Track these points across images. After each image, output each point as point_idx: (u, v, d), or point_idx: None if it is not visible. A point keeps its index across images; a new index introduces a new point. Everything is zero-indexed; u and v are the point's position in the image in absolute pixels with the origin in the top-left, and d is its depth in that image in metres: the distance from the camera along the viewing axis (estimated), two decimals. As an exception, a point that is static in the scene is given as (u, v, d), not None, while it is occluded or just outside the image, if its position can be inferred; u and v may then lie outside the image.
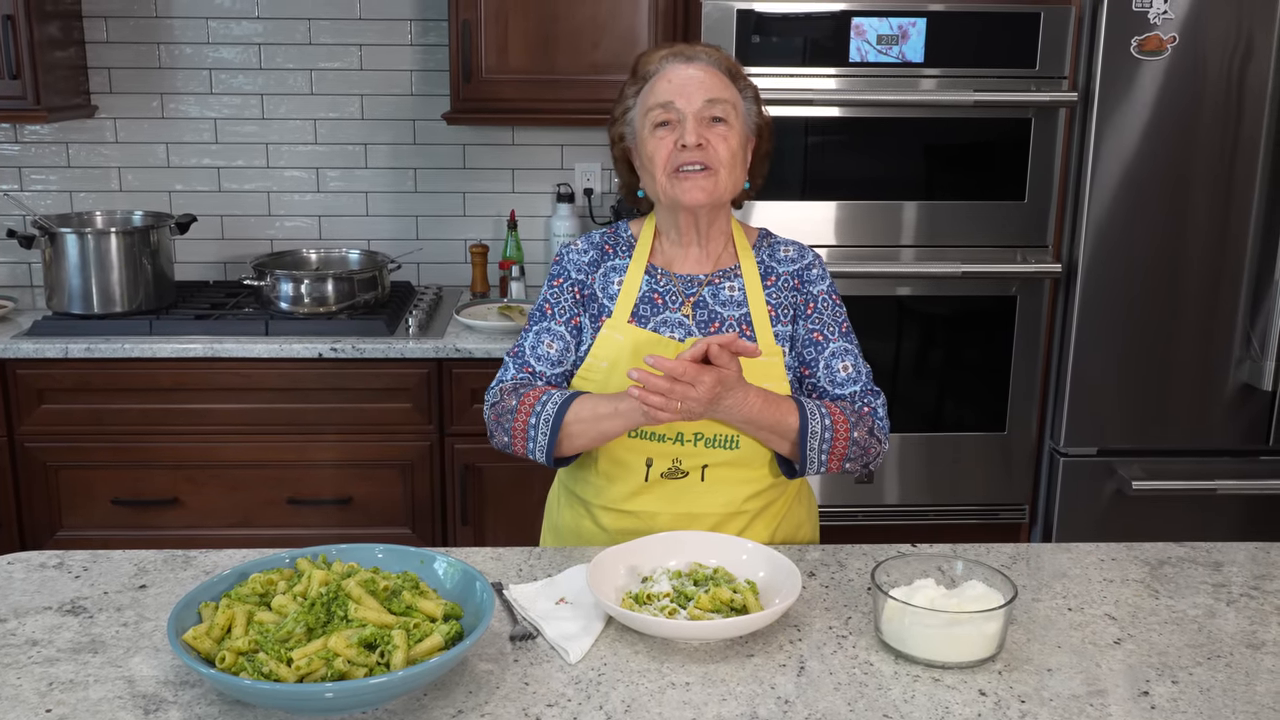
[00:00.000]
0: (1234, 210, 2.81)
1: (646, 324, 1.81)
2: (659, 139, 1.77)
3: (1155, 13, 2.69)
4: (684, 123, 1.75)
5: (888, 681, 1.39)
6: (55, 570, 1.66)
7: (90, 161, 3.41)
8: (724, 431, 1.76)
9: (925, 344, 3.04)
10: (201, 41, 3.36)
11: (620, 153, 1.88)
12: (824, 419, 1.72)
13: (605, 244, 1.90)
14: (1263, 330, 2.85)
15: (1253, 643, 1.50)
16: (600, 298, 1.85)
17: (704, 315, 1.82)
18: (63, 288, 3.00)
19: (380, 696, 1.29)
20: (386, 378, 2.94)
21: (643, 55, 1.86)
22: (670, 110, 1.76)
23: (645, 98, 1.81)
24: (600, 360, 1.81)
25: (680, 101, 1.76)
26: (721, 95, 1.77)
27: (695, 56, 1.81)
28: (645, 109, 1.80)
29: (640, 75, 1.83)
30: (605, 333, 1.82)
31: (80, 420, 2.93)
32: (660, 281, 1.85)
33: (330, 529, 2.99)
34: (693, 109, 1.75)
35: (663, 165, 1.77)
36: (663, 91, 1.77)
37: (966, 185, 2.92)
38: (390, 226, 3.51)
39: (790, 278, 1.86)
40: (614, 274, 1.86)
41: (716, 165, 1.76)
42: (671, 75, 1.78)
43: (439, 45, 3.38)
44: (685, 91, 1.76)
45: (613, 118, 1.88)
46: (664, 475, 1.77)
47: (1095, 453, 2.95)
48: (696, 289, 1.84)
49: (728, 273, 1.85)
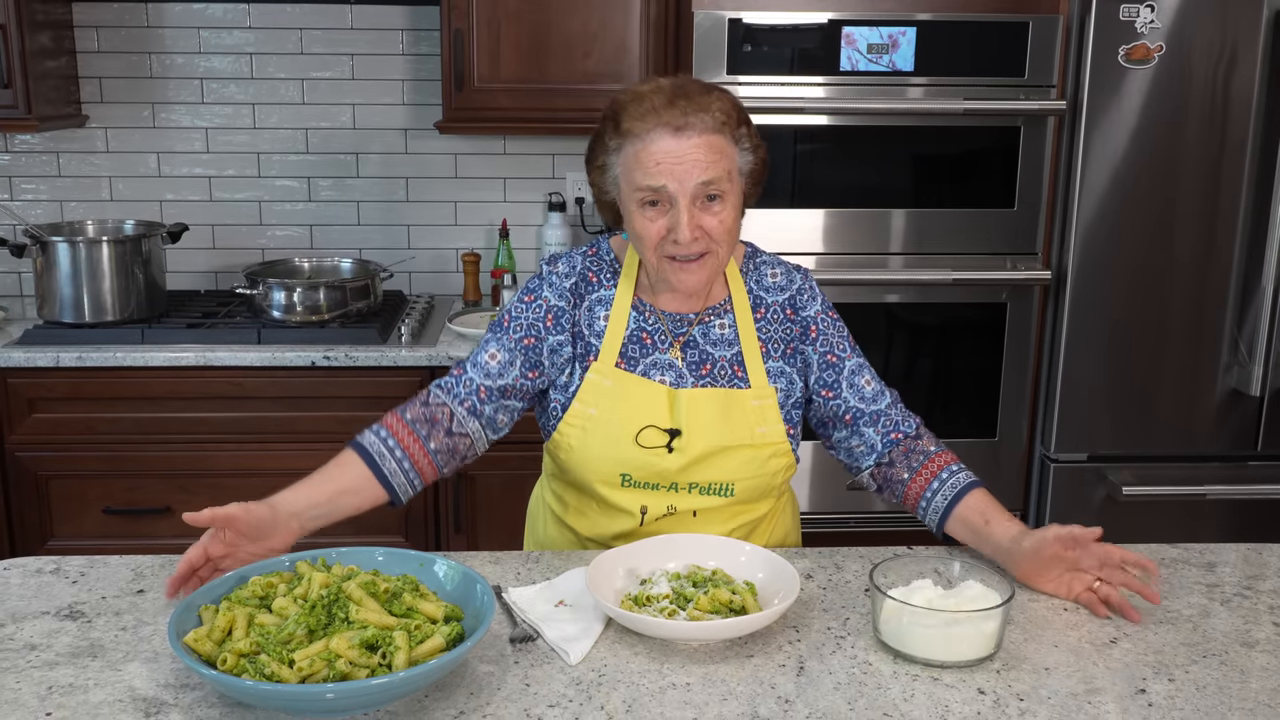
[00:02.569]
0: (1220, 217, 2.83)
1: (635, 367, 1.74)
2: (648, 220, 1.64)
3: (1142, 22, 2.72)
4: (676, 208, 1.61)
5: (887, 681, 1.40)
6: (52, 575, 1.66)
7: (81, 171, 3.41)
8: (719, 480, 1.74)
9: (915, 351, 3.05)
10: (193, 51, 3.36)
11: (601, 198, 1.75)
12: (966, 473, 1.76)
13: (588, 270, 1.78)
14: (1250, 336, 2.88)
15: (1246, 641, 1.52)
16: (586, 335, 1.76)
17: (695, 356, 1.76)
18: (54, 297, 2.99)
19: (382, 697, 1.29)
20: (379, 386, 2.94)
21: (625, 105, 1.64)
22: (661, 194, 1.62)
23: (629, 167, 1.64)
24: (588, 406, 1.73)
25: (672, 185, 1.60)
26: (715, 173, 1.61)
27: (686, 127, 1.60)
28: (632, 184, 1.64)
29: (622, 131, 1.64)
30: (592, 377, 1.74)
31: (72, 429, 2.92)
32: (648, 319, 1.77)
33: (322, 537, 2.94)
34: (686, 194, 1.61)
35: (653, 247, 1.66)
36: (652, 173, 1.61)
37: (956, 193, 2.94)
38: (382, 235, 3.52)
39: (780, 308, 1.80)
40: (599, 307, 1.77)
41: (713, 247, 1.65)
42: (659, 153, 1.60)
43: (430, 55, 3.39)
44: (676, 174, 1.60)
45: (590, 162, 1.73)
46: (658, 519, 1.75)
47: (1086, 459, 2.97)
48: (686, 328, 1.77)
49: (718, 309, 1.78)
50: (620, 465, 1.72)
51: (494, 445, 1.82)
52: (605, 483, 1.74)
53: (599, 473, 1.74)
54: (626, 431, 1.71)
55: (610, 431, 1.72)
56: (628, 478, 1.73)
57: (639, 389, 1.73)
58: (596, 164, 1.72)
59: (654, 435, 1.71)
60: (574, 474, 1.77)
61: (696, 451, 1.71)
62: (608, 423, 1.72)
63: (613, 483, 1.74)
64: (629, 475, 1.73)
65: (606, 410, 1.72)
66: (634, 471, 1.72)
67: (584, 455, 1.74)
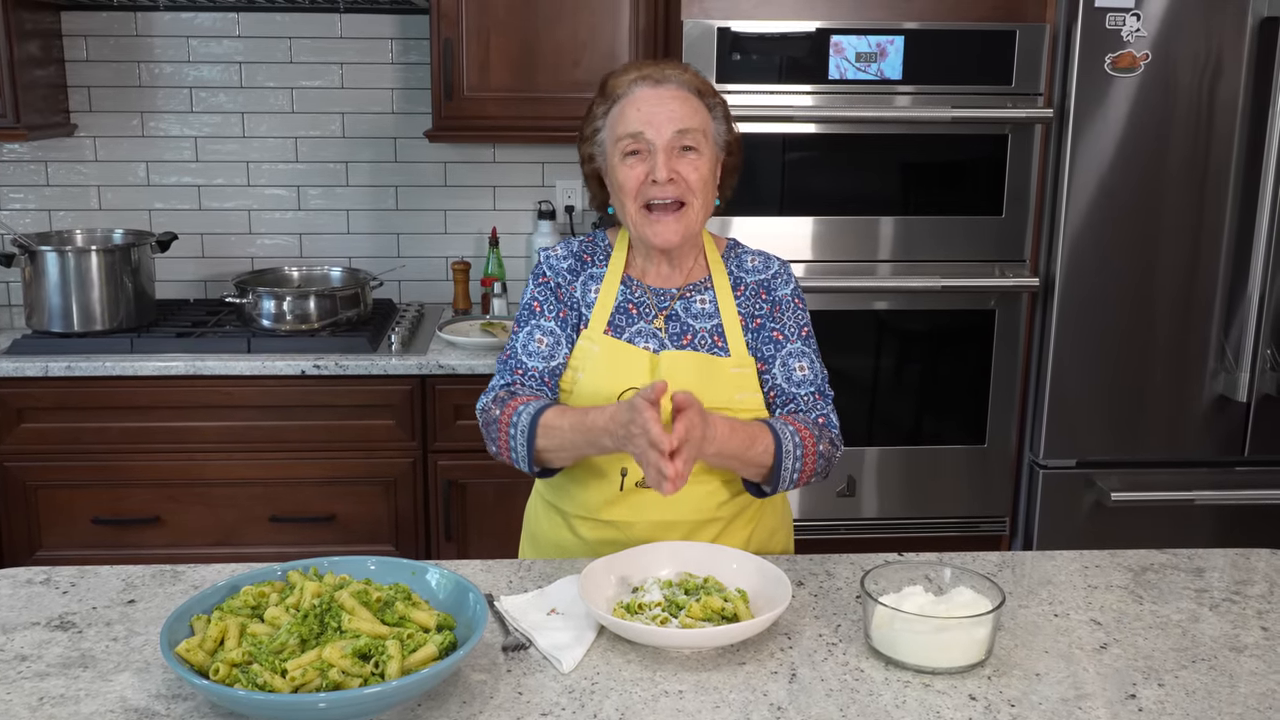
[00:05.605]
0: (1206, 223, 2.85)
1: (621, 334, 1.84)
2: (629, 168, 1.78)
3: (1129, 31, 2.74)
4: (654, 154, 1.76)
5: (879, 687, 1.40)
6: (42, 586, 1.65)
7: (69, 180, 3.40)
8: None
9: (904, 358, 3.06)
10: (182, 60, 3.36)
11: (590, 170, 1.89)
12: (794, 436, 1.73)
13: (584, 252, 1.91)
14: (1236, 342, 2.89)
15: (1235, 646, 1.53)
16: (579, 306, 1.87)
17: (677, 328, 1.85)
18: (43, 306, 2.99)
19: (375, 706, 1.29)
20: (369, 394, 2.94)
21: (611, 75, 1.85)
22: (640, 140, 1.77)
23: (614, 123, 1.80)
24: (576, 370, 1.83)
25: (650, 132, 1.76)
26: (691, 124, 1.77)
27: (664, 79, 1.79)
28: (615, 136, 1.80)
29: (609, 95, 1.83)
30: (582, 344, 1.84)
31: (60, 439, 2.91)
32: (635, 293, 1.87)
33: (313, 546, 2.97)
34: (663, 140, 1.75)
35: (633, 195, 1.79)
36: (632, 120, 1.77)
37: (944, 200, 2.95)
38: (371, 244, 3.51)
39: (757, 287, 1.89)
40: (592, 283, 1.88)
41: (688, 197, 1.78)
42: (640, 102, 1.78)
43: (420, 63, 3.39)
44: (655, 121, 1.76)
45: (582, 136, 1.88)
46: (638, 485, 1.78)
47: (1074, 465, 2.98)
48: (669, 302, 1.86)
49: (699, 285, 1.88)
50: None
51: (483, 454, 1.83)
52: None
53: None
54: (610, 392, 1.79)
55: (596, 392, 1.80)
56: None
57: (624, 354, 1.81)
58: (587, 134, 1.87)
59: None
60: None
61: None
62: (593, 384, 1.81)
63: None
64: None
65: (592, 373, 1.81)
66: None
67: None
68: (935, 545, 3.05)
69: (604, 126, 1.83)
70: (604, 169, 1.85)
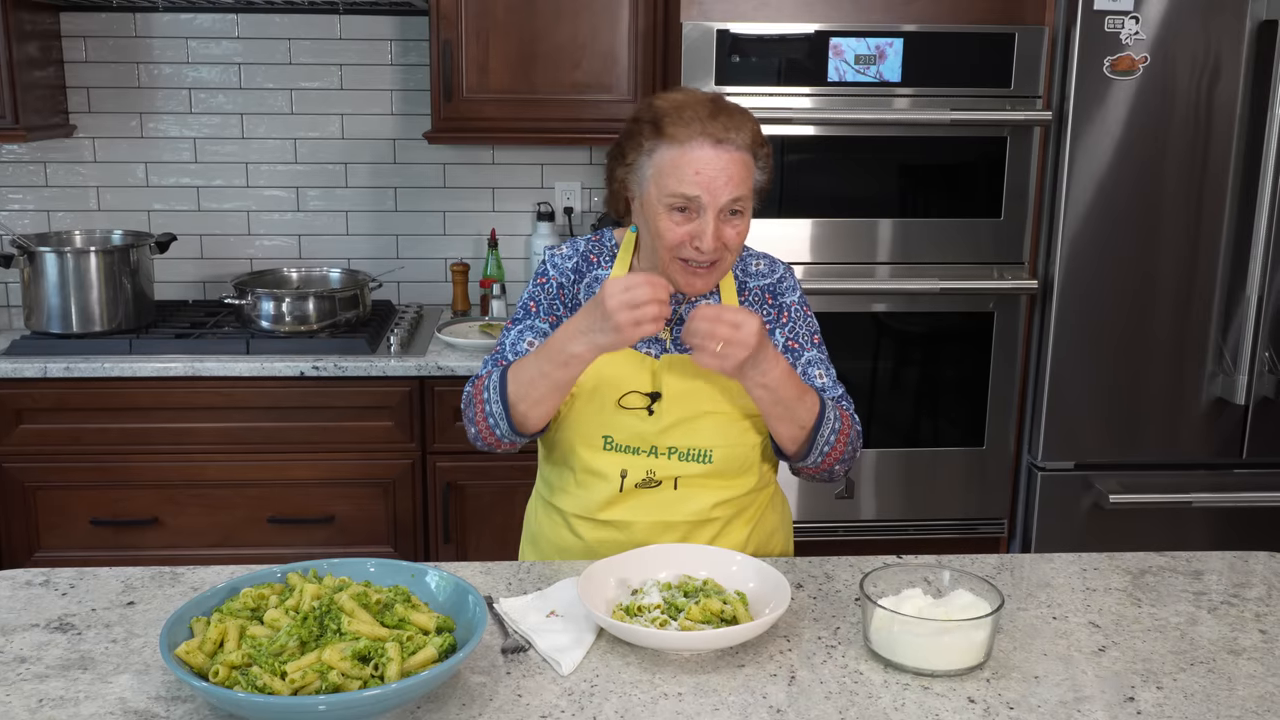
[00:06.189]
0: (1205, 226, 2.85)
1: None
2: (674, 224, 1.71)
3: (1127, 33, 2.74)
4: (703, 216, 1.69)
5: (878, 690, 1.40)
6: (41, 588, 1.65)
7: (68, 181, 3.40)
8: (697, 445, 1.79)
9: (903, 360, 3.06)
10: (181, 61, 3.36)
11: (619, 187, 1.82)
12: (834, 411, 1.77)
13: (590, 252, 1.90)
14: (1234, 345, 2.90)
15: (1233, 649, 1.53)
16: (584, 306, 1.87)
17: (680, 332, 1.83)
18: (41, 307, 2.99)
19: (375, 709, 1.29)
20: (368, 396, 2.94)
21: (667, 111, 1.72)
22: (693, 203, 1.70)
23: (664, 168, 1.71)
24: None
25: (705, 197, 1.68)
26: (744, 190, 1.71)
27: (726, 140, 1.69)
28: (663, 186, 1.71)
29: (662, 132, 1.71)
30: None
31: (59, 440, 2.91)
32: None
33: (312, 548, 2.97)
34: (716, 207, 1.69)
35: (670, 248, 1.73)
36: (689, 182, 1.68)
37: (943, 203, 2.96)
38: (370, 245, 3.51)
39: (761, 292, 1.89)
40: (597, 285, 1.87)
41: (725, 256, 1.75)
42: (700, 164, 1.68)
43: (419, 65, 3.39)
44: (712, 188, 1.68)
45: (619, 153, 1.79)
46: (638, 485, 1.79)
47: (1073, 467, 2.98)
48: (675, 305, 1.85)
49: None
50: (603, 428, 1.79)
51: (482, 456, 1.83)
52: (587, 445, 1.81)
53: (583, 435, 1.81)
54: (611, 395, 1.79)
55: (596, 394, 1.79)
56: (609, 440, 1.79)
57: (625, 357, 1.80)
58: (626, 160, 1.78)
59: (636, 399, 1.79)
60: (560, 440, 1.84)
61: (676, 414, 1.78)
62: (594, 387, 1.80)
63: (595, 445, 1.80)
64: (610, 437, 1.79)
65: (594, 375, 1.79)
66: (615, 433, 1.79)
67: (571, 419, 1.82)
68: (934, 547, 3.06)
69: (647, 165, 1.73)
70: (637, 198, 1.78)
